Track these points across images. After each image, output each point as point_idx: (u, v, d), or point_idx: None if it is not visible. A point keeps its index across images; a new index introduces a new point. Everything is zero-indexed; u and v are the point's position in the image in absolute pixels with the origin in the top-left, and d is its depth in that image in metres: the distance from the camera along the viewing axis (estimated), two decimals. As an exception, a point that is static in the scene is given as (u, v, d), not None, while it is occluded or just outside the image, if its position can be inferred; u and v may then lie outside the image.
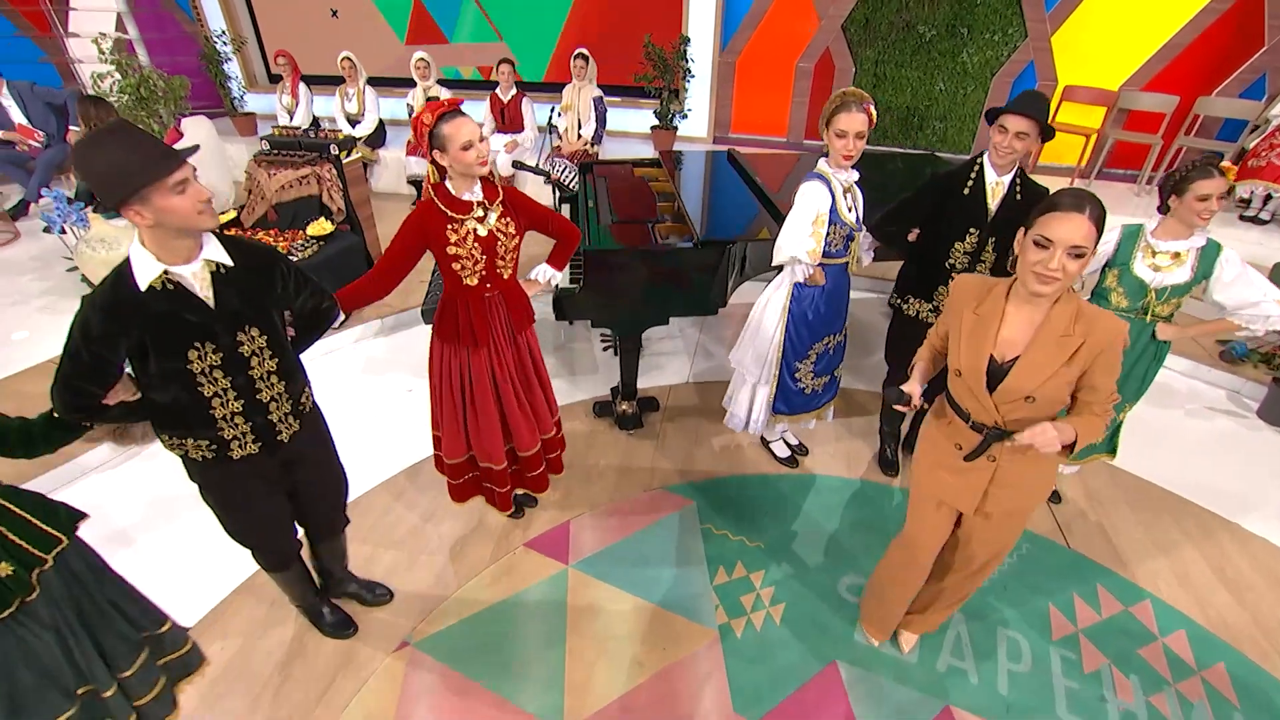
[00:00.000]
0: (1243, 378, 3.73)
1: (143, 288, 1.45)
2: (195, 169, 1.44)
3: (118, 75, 5.21)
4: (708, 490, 2.97)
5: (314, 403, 1.94)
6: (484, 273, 2.10)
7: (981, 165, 2.41)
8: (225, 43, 6.50)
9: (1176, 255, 2.23)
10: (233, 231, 3.95)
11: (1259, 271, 2.30)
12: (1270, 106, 4.66)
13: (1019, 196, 2.39)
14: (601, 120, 5.28)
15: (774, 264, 2.49)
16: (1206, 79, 5.20)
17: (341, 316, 2.01)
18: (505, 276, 2.17)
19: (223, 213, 4.23)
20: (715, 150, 4.26)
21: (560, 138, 5.40)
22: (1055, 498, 2.92)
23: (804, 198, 2.35)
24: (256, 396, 1.68)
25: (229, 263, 1.55)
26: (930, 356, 1.86)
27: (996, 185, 2.40)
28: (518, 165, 4.22)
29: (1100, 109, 5.46)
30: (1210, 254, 2.21)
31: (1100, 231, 1.43)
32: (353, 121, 5.57)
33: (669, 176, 3.64)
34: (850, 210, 2.44)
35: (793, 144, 6.35)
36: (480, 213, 2.03)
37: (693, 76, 6.03)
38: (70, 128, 5.34)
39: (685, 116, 6.19)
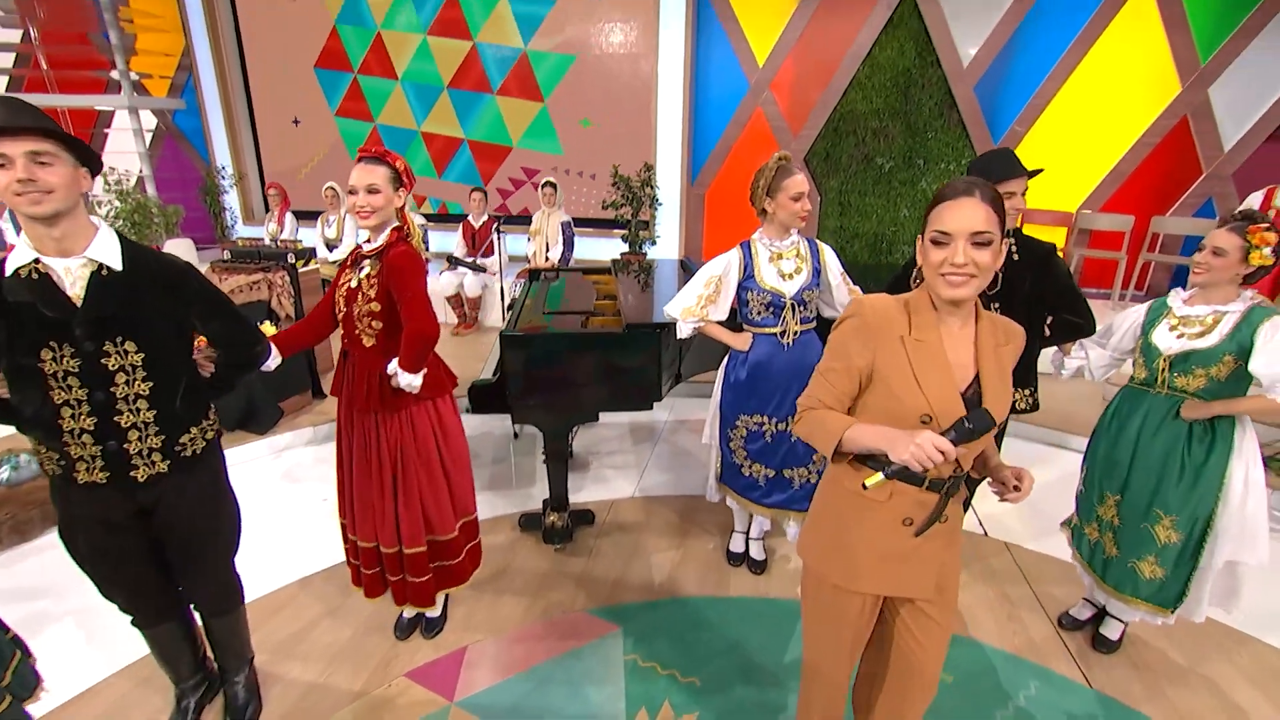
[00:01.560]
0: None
1: (7, 273, 1.39)
2: (38, 153, 1.31)
3: (117, 203, 5.52)
4: (638, 614, 2.52)
5: (205, 452, 1.70)
6: (344, 326, 1.98)
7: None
8: (225, 177, 6.96)
9: (1212, 320, 1.89)
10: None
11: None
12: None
13: (1016, 257, 2.24)
14: (569, 244, 5.39)
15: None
16: (1159, 200, 5.33)
17: (277, 359, 1.93)
18: (365, 344, 1.97)
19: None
20: (674, 259, 4.26)
21: (529, 260, 5.50)
22: (1104, 644, 2.31)
23: (709, 263, 2.33)
24: (114, 419, 1.50)
25: (116, 265, 1.45)
26: (837, 412, 1.38)
27: None
28: (453, 260, 4.24)
29: (1062, 229, 5.54)
30: (1254, 320, 1.83)
31: (1000, 216, 1.18)
32: (330, 246, 5.74)
33: (614, 279, 3.57)
34: (788, 277, 2.28)
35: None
36: (364, 265, 1.96)
37: (660, 204, 6.27)
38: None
39: (654, 243, 6.35)
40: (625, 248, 6.18)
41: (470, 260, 4.01)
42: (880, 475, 1.18)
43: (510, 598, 2.58)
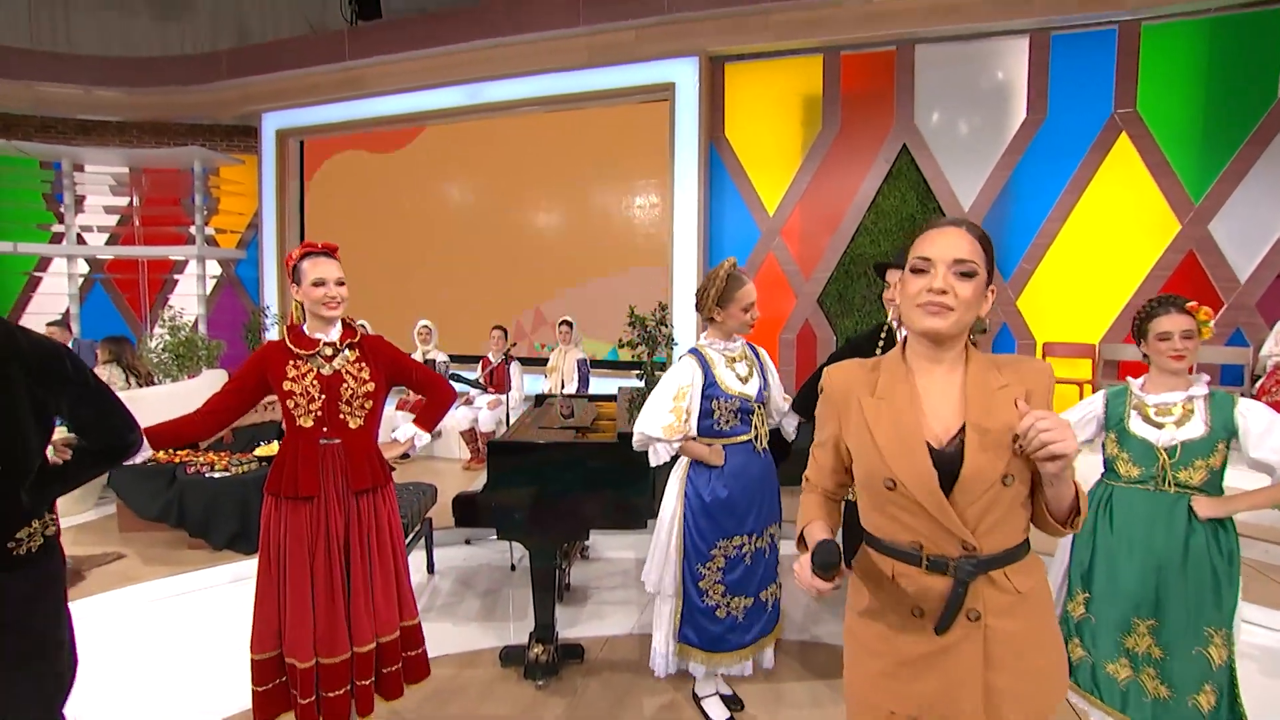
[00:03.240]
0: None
1: None
2: None
3: (167, 337, 5.94)
4: (621, 767, 2.18)
5: (40, 552, 1.46)
6: (320, 414, 1.94)
7: (889, 325, 2.25)
8: (269, 315, 7.48)
9: (1179, 407, 1.83)
10: (184, 452, 3.91)
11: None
12: (1262, 348, 4.54)
13: None
14: (584, 381, 5.48)
15: (635, 447, 2.19)
16: (1186, 331, 5.21)
17: (148, 450, 1.74)
18: (352, 426, 1.98)
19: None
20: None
21: (545, 394, 5.57)
22: None
23: (667, 374, 2.19)
24: None
25: None
26: (823, 505, 1.31)
27: None
28: (454, 378, 4.29)
29: (1085, 361, 5.42)
30: (1223, 404, 1.81)
31: (986, 251, 1.12)
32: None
33: (618, 403, 3.56)
34: (745, 380, 2.21)
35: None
36: (329, 352, 1.97)
37: (676, 344, 6.40)
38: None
39: (671, 379, 6.40)
40: (641, 385, 6.24)
41: (474, 380, 4.09)
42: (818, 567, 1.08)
43: (479, 741, 2.28)
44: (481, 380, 5.63)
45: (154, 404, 4.36)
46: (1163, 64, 5.18)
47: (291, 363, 1.95)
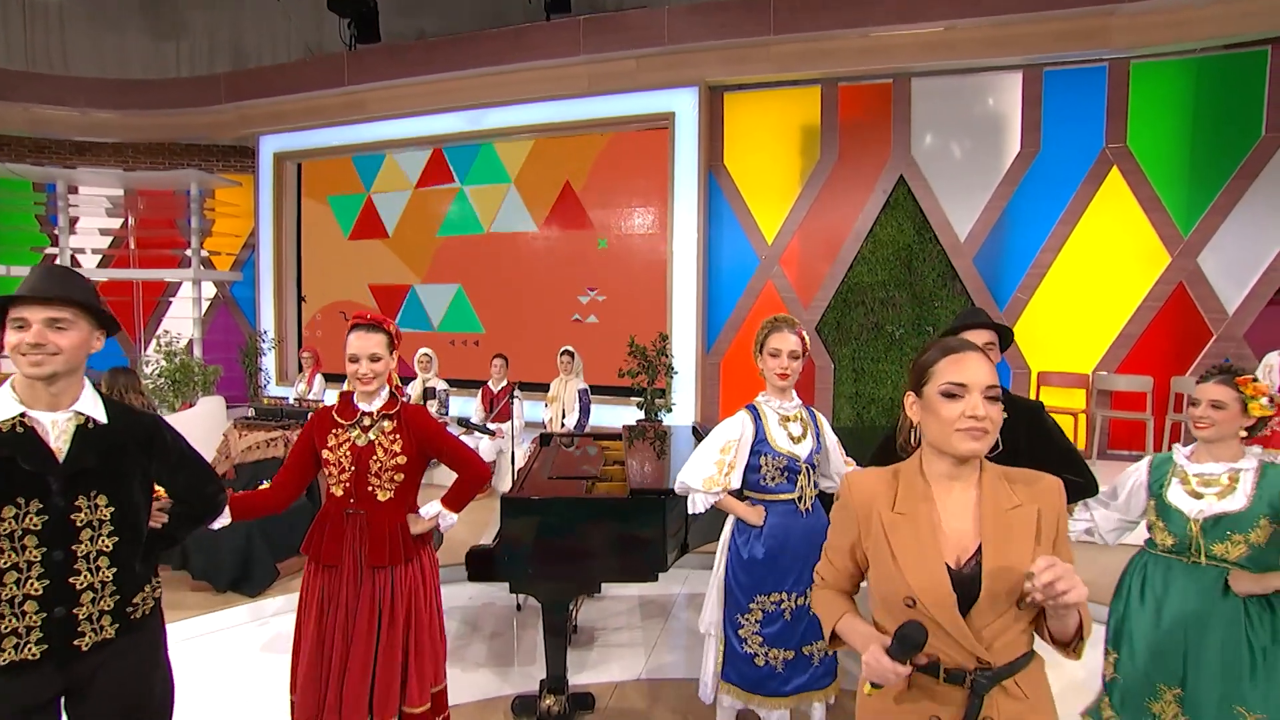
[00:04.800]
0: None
1: None
2: (56, 319, 1.38)
3: (163, 362, 5.91)
4: (637, 827, 2.20)
5: (153, 613, 1.58)
6: (349, 485, 1.98)
7: None
8: (265, 340, 7.47)
9: (1230, 479, 1.82)
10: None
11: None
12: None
13: (1006, 414, 2.20)
14: (585, 411, 5.50)
15: (676, 490, 2.25)
16: (1176, 360, 5.33)
17: (227, 517, 1.85)
18: (380, 499, 2.00)
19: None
20: (688, 425, 4.29)
21: (545, 426, 5.59)
22: None
23: (720, 425, 2.24)
24: (69, 579, 1.40)
25: (101, 419, 1.47)
26: (844, 600, 1.35)
27: None
28: (463, 423, 4.32)
29: (1079, 391, 5.51)
30: (1273, 478, 1.77)
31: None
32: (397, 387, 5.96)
33: (625, 444, 3.58)
34: (798, 440, 2.25)
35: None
36: (366, 422, 2.01)
37: (676, 373, 6.45)
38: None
39: (670, 411, 6.44)
40: (641, 415, 6.27)
41: (481, 424, 4.14)
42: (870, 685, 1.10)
43: (494, 801, 2.30)
44: (483, 418, 5.66)
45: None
46: (1152, 101, 5.30)
47: (334, 431, 2.02)
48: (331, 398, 6.25)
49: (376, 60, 7.08)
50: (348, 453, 1.99)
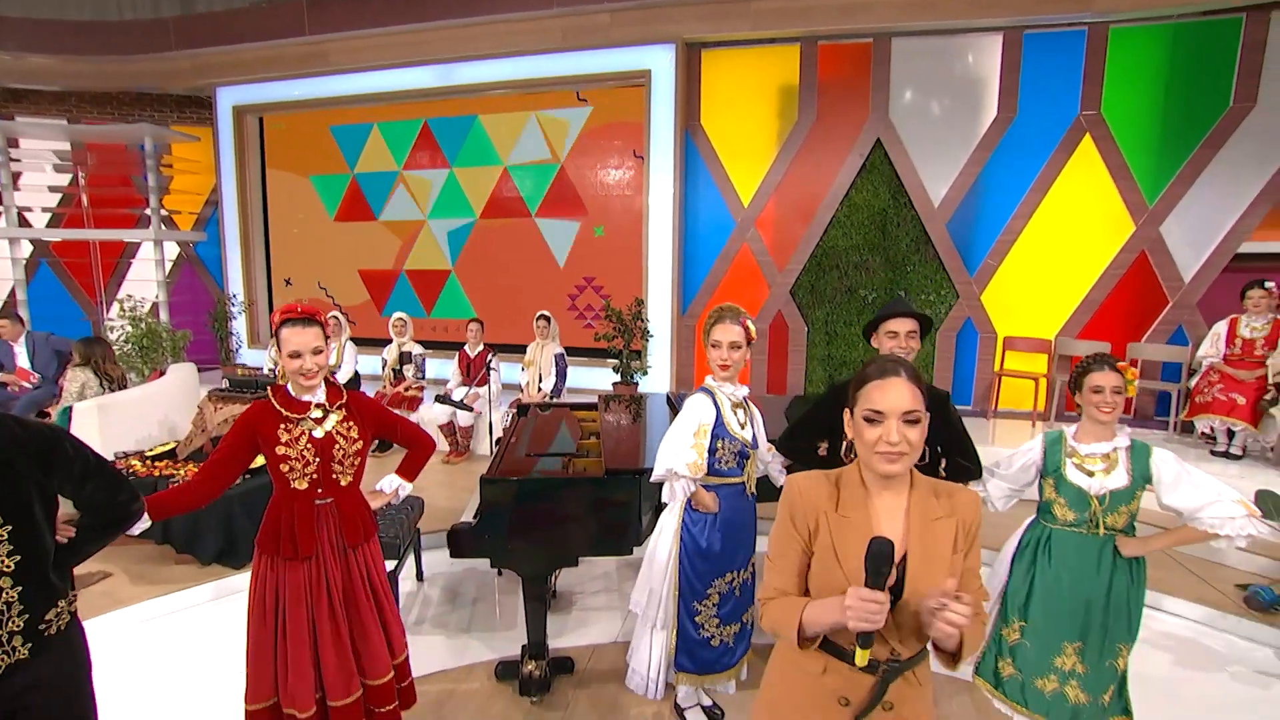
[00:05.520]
0: (1281, 630, 3.20)
1: None
2: None
3: (129, 328, 5.76)
4: (614, 782, 2.37)
5: (69, 626, 1.55)
6: (315, 476, 1.98)
7: None
8: (235, 304, 7.30)
9: (1105, 457, 2.06)
10: (164, 463, 3.90)
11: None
12: (1198, 349, 4.84)
13: None
14: (561, 375, 5.54)
15: (653, 480, 2.31)
16: (1133, 327, 5.53)
17: (147, 521, 1.79)
18: (343, 484, 2.04)
19: (163, 445, 4.26)
20: (662, 393, 4.36)
21: (522, 390, 5.64)
22: None
23: (687, 409, 2.28)
24: None
25: None
26: (794, 595, 1.40)
27: None
28: (441, 399, 4.34)
29: (1042, 355, 5.70)
30: (1141, 454, 2.04)
31: (922, 391, 1.27)
32: (330, 373, 5.90)
33: (600, 416, 3.65)
34: (743, 426, 2.33)
35: (755, 398, 6.54)
36: (319, 414, 2.00)
37: (651, 336, 6.49)
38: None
39: (646, 374, 6.51)
40: (617, 378, 6.34)
41: (459, 401, 4.17)
42: (862, 653, 1.20)
43: (480, 762, 2.44)
44: (460, 381, 5.67)
45: (127, 409, 4.30)
46: (1128, 68, 5.32)
47: (283, 426, 1.95)
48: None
49: (338, 9, 6.72)
50: (308, 446, 1.96)
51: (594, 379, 6.71)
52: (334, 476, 2.02)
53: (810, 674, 1.34)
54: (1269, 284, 4.38)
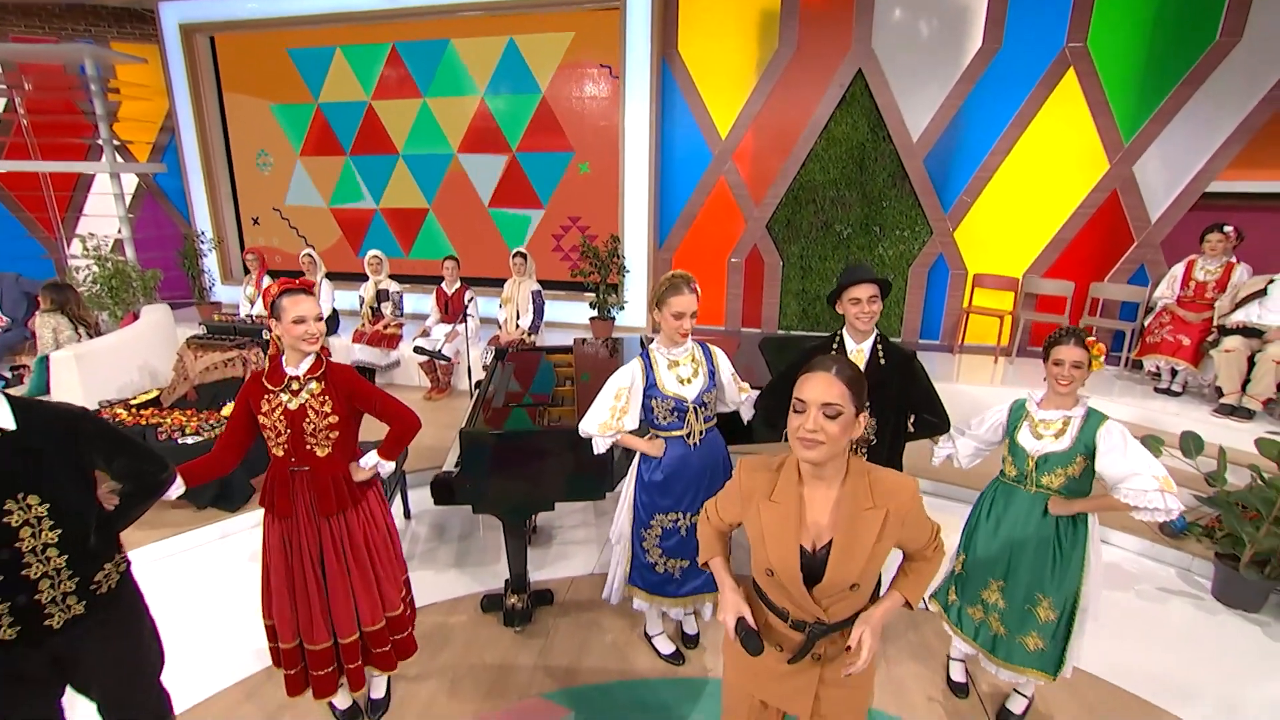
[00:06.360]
0: (1189, 554, 3.54)
1: None
2: None
3: (95, 268, 5.64)
4: (589, 698, 2.64)
5: (120, 585, 1.75)
6: (288, 446, 2.09)
7: (841, 337, 2.53)
8: (204, 241, 7.12)
9: (1059, 423, 2.19)
10: (149, 411, 3.97)
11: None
12: (1155, 290, 5.01)
13: (882, 361, 2.48)
14: (539, 312, 5.59)
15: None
16: (1098, 267, 5.66)
17: (181, 487, 1.95)
18: (319, 454, 2.12)
19: (145, 392, 4.31)
20: (639, 336, 4.45)
21: (500, 326, 5.69)
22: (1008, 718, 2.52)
23: (613, 376, 2.47)
24: (22, 572, 1.54)
25: (8, 426, 1.52)
26: (721, 540, 1.70)
27: (858, 353, 2.51)
28: (419, 350, 4.40)
29: (1009, 293, 5.85)
30: (1091, 424, 2.15)
31: (855, 392, 1.37)
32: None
33: (574, 363, 3.75)
34: (687, 382, 2.46)
35: (730, 331, 6.68)
36: (295, 387, 2.08)
37: (628, 271, 6.51)
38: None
39: (622, 308, 6.58)
40: (594, 313, 6.40)
41: (436, 350, 4.25)
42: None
43: (470, 684, 2.70)
44: (438, 318, 5.70)
45: (105, 356, 4.31)
46: (1116, -2, 5.18)
47: (265, 397, 2.07)
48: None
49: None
50: (281, 417, 2.06)
51: (572, 313, 6.77)
52: (308, 447, 2.10)
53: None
54: (1227, 228, 4.49)
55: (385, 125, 7.06)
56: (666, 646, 2.86)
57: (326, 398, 2.10)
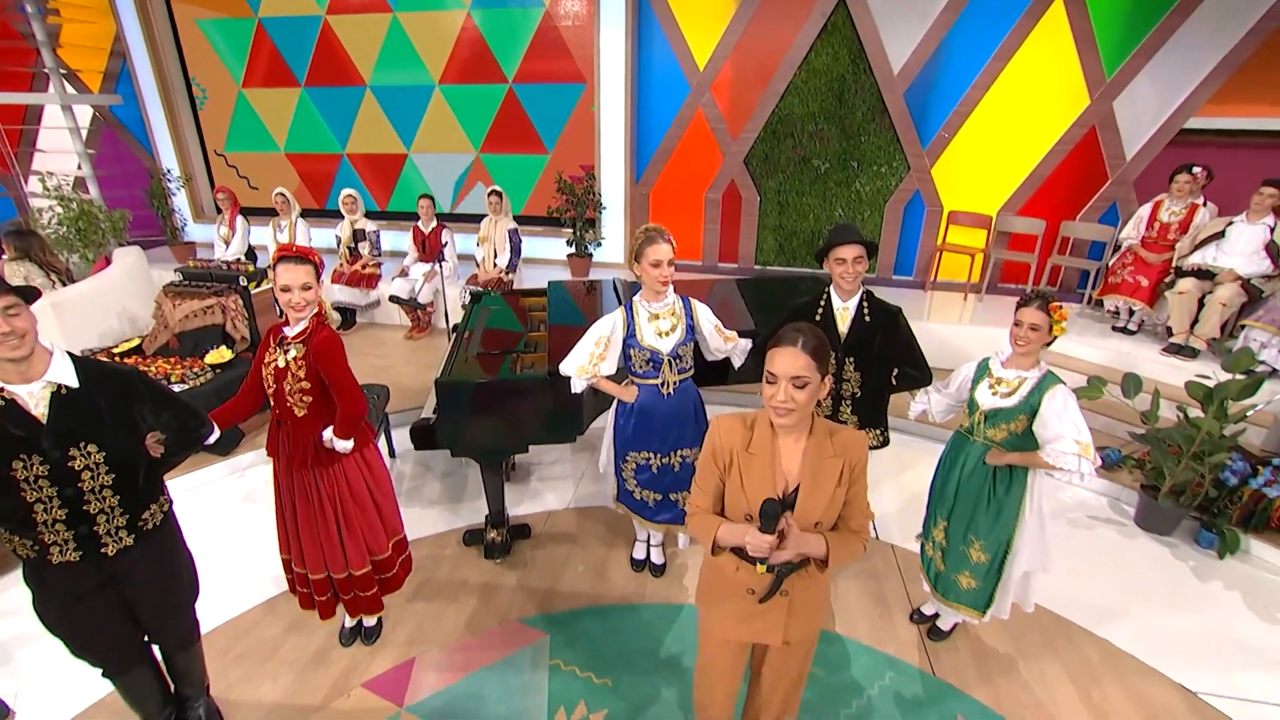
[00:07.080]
0: (1120, 484, 3.82)
1: None
2: (8, 306, 1.60)
3: (58, 209, 5.52)
4: (564, 622, 2.91)
5: (163, 522, 1.99)
6: (275, 400, 2.28)
7: (829, 294, 2.64)
8: (172, 179, 6.92)
9: (1014, 382, 2.29)
10: (132, 360, 4.05)
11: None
12: (1121, 230, 5.10)
13: (868, 317, 2.62)
14: (516, 251, 5.60)
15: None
16: (1070, 205, 5.71)
17: (217, 433, 2.16)
18: (298, 414, 2.26)
19: (127, 340, 4.36)
20: (611, 278, 4.51)
21: (478, 265, 5.71)
22: (938, 634, 2.80)
23: (596, 324, 2.61)
24: (83, 508, 1.77)
25: (73, 384, 1.73)
26: (712, 515, 1.79)
27: (844, 310, 2.65)
28: (395, 300, 4.46)
29: (982, 231, 5.92)
30: (1041, 386, 2.23)
31: (819, 362, 1.51)
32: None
33: (548, 307, 3.83)
34: (665, 335, 2.59)
35: (707, 267, 6.73)
36: (286, 347, 2.22)
37: (604, 208, 6.47)
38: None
39: (600, 245, 6.58)
40: (571, 250, 6.40)
41: (412, 298, 4.30)
42: (761, 565, 1.62)
43: (454, 611, 2.95)
44: (415, 257, 5.70)
45: (81, 304, 4.32)
46: (1109, -81, 4.97)
47: (269, 350, 2.26)
48: (258, 236, 6.11)
49: None
50: (272, 372, 2.25)
51: (549, 249, 6.76)
52: (289, 405, 2.26)
53: (727, 571, 1.75)
54: (1196, 169, 4.54)
55: (347, 48, 6.47)
56: (639, 552, 3.22)
57: (303, 364, 2.22)
